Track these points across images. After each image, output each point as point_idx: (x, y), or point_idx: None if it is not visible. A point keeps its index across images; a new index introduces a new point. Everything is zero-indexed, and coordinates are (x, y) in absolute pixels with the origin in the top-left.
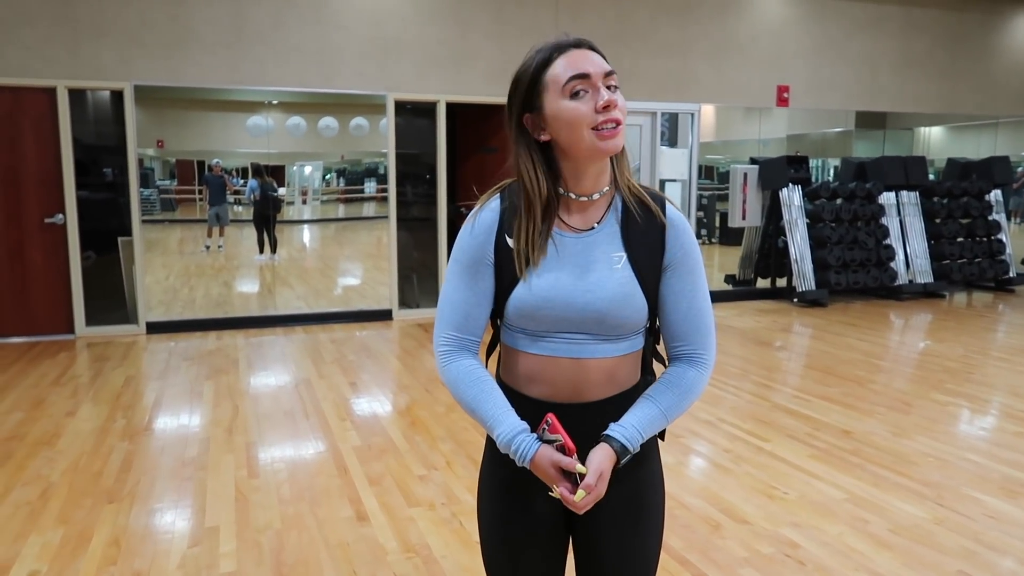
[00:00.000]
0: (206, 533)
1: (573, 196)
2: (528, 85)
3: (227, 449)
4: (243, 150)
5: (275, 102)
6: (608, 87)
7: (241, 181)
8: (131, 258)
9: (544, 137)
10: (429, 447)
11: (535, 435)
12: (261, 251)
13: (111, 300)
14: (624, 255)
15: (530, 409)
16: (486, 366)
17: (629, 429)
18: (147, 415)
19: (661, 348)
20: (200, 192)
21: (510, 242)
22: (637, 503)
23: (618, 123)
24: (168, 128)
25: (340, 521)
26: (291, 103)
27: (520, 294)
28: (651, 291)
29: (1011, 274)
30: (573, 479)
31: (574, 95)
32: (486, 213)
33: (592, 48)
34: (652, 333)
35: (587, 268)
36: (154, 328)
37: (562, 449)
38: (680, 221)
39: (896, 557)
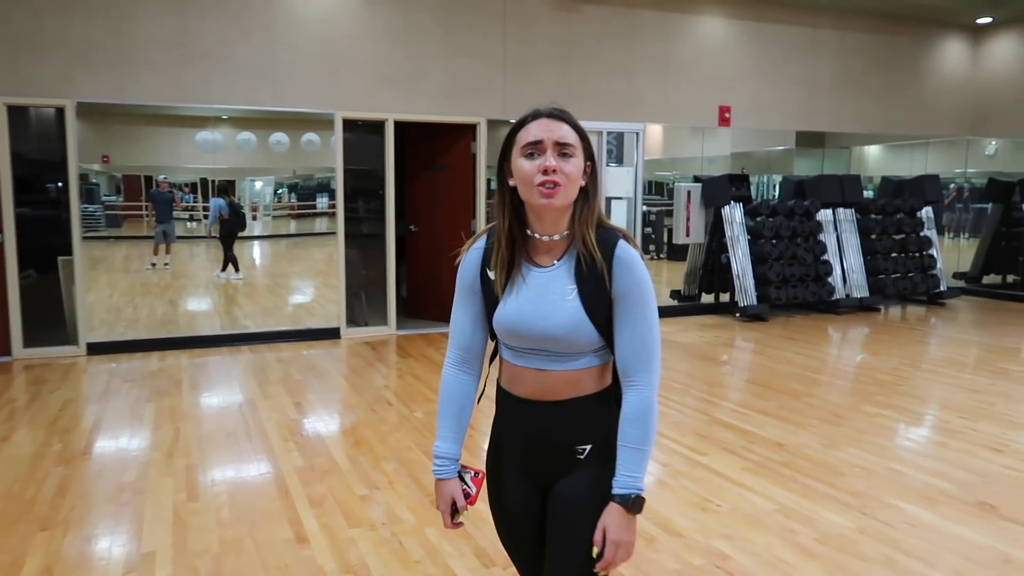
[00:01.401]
0: (142, 559)
1: (537, 236)
2: (506, 139)
3: (167, 472)
4: (191, 165)
5: (225, 117)
6: (562, 154)
7: (191, 197)
8: (71, 278)
9: (512, 183)
10: (372, 467)
11: (459, 466)
12: (224, 269)
13: (50, 321)
14: (575, 288)
15: (513, 403)
16: (487, 371)
17: (621, 479)
18: (85, 439)
19: None
20: (147, 208)
21: (490, 274)
22: (593, 490)
23: (555, 184)
24: (114, 143)
25: (279, 543)
26: (241, 118)
27: (497, 318)
28: (602, 320)
29: (942, 288)
30: (455, 511)
31: (528, 156)
32: (473, 252)
33: (563, 119)
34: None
35: (546, 298)
36: (95, 349)
37: (467, 495)
38: (627, 258)
39: (820, 566)
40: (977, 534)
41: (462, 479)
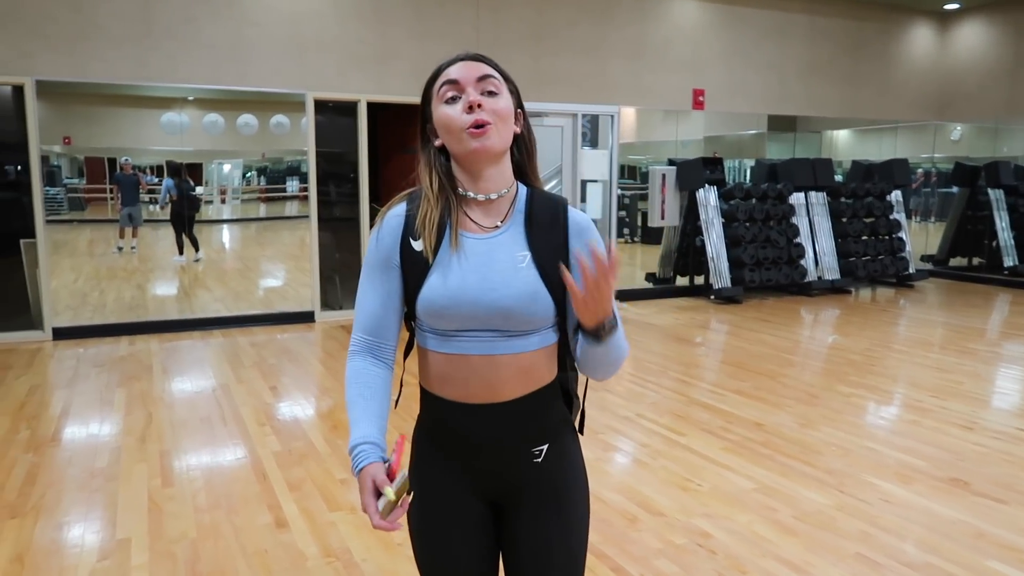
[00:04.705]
0: (117, 545)
1: (471, 195)
2: (423, 97)
3: (140, 458)
4: (157, 147)
5: (191, 98)
6: (485, 91)
7: (156, 179)
8: (34, 261)
9: (438, 143)
10: None
11: (380, 450)
12: (180, 252)
13: (14, 305)
14: (528, 255)
15: (445, 411)
16: (403, 364)
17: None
18: (53, 425)
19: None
20: (111, 191)
21: (415, 245)
22: (557, 498)
23: (483, 124)
24: (75, 124)
25: (258, 528)
26: (208, 99)
27: (427, 295)
28: (556, 288)
29: (910, 270)
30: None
31: (448, 101)
32: (391, 218)
33: (478, 59)
34: (563, 329)
35: (492, 268)
36: (61, 334)
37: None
38: (582, 221)
39: (800, 542)
40: (950, 510)
41: (385, 458)
